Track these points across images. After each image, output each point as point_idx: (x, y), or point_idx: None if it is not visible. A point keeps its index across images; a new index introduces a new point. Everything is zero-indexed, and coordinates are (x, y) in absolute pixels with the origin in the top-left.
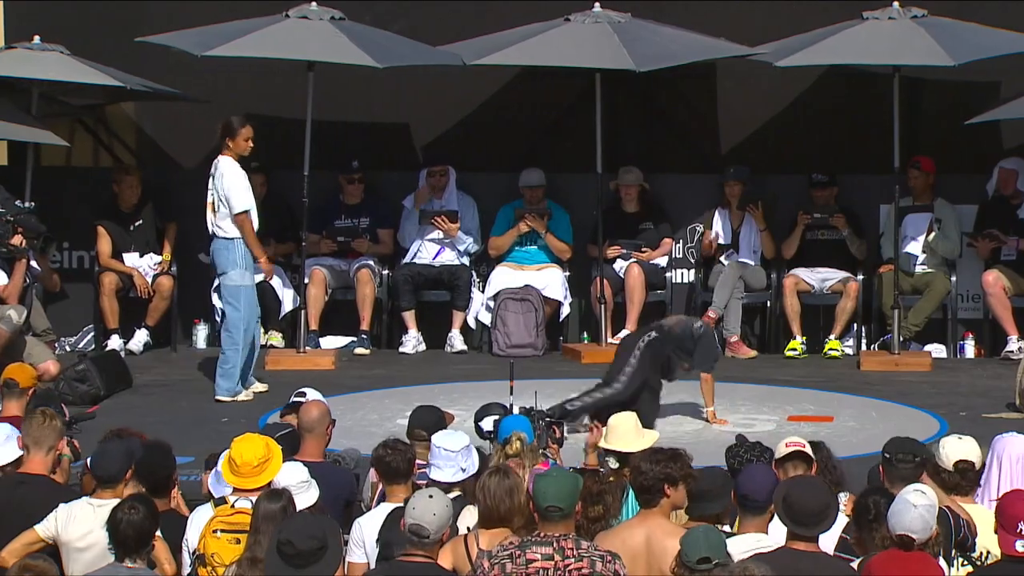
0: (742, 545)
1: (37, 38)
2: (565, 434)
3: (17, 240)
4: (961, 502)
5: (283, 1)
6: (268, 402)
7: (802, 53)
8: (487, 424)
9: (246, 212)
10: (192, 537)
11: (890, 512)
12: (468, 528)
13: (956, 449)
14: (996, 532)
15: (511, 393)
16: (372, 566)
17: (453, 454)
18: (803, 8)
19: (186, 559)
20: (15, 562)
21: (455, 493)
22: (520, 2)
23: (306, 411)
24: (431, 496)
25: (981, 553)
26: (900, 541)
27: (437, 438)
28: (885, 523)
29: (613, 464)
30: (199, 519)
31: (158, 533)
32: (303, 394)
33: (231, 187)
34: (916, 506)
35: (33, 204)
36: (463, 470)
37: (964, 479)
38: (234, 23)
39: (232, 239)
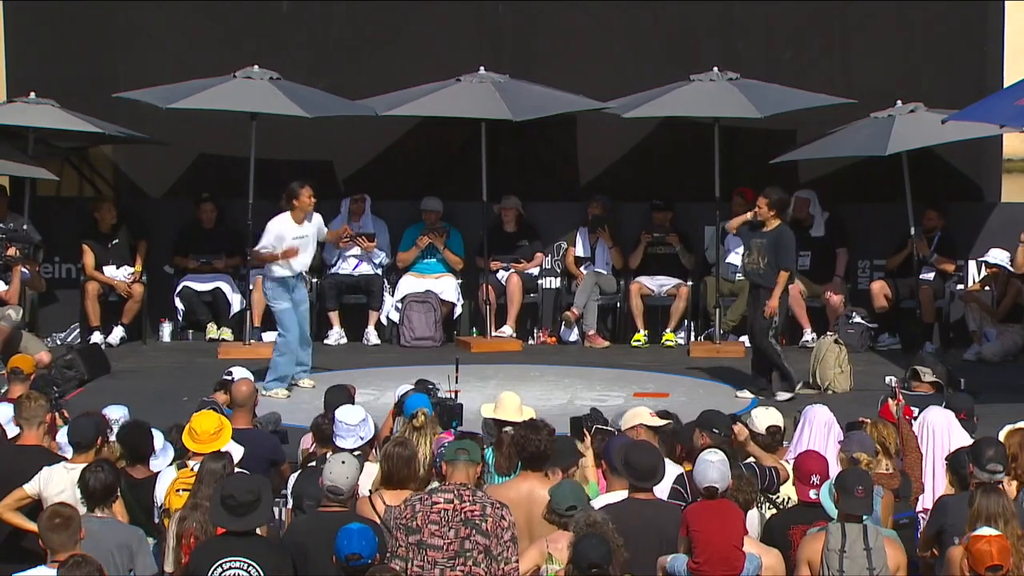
0: (613, 499)
1: (33, 94)
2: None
3: (12, 251)
4: (774, 458)
5: (231, 64)
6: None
7: (644, 107)
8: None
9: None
10: (159, 494)
11: (694, 472)
12: (371, 490)
13: (765, 417)
14: (794, 484)
15: (456, 381)
16: None
17: (353, 426)
18: (644, 71)
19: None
20: (48, 506)
21: (357, 453)
22: (421, 65)
23: (237, 389)
24: (344, 462)
25: (784, 499)
26: (707, 492)
27: (340, 413)
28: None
29: (509, 431)
30: (165, 479)
31: (119, 493)
32: (231, 373)
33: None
34: (713, 462)
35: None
36: (361, 438)
37: (774, 440)
38: (191, 82)
39: (273, 276)
